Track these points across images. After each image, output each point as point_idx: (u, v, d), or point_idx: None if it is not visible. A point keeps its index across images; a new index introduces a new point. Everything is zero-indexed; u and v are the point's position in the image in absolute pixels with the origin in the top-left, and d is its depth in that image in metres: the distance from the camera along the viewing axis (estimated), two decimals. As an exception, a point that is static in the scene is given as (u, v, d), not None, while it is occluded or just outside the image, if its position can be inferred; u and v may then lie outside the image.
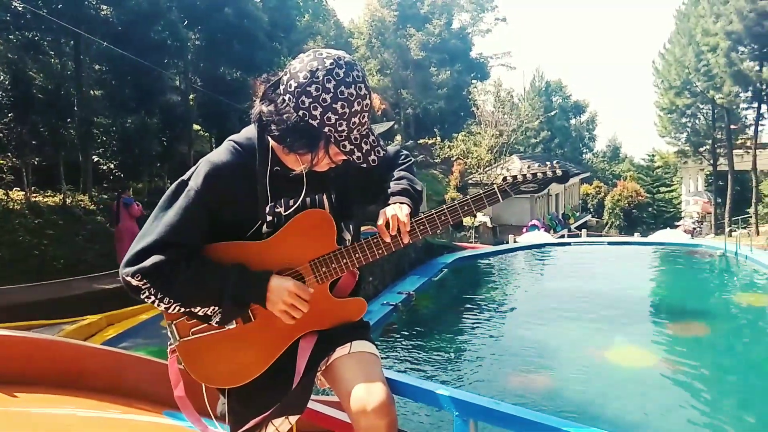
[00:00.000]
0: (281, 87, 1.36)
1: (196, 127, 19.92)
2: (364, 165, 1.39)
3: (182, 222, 1.39)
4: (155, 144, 15.60)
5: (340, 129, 1.34)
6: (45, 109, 13.00)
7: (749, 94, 23.87)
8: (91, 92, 15.97)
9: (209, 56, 18.16)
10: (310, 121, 1.32)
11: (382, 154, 1.41)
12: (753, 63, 22.70)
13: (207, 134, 20.91)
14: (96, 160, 15.78)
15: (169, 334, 1.53)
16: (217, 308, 1.44)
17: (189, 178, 1.44)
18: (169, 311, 1.43)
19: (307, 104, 1.31)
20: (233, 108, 16.90)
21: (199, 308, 1.44)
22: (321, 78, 1.31)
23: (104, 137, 15.47)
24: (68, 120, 14.36)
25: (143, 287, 1.38)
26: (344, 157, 1.40)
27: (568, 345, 6.69)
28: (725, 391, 5.64)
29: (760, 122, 24.76)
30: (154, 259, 1.36)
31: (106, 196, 15.47)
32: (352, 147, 1.37)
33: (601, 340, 6.79)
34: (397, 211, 1.51)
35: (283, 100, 1.34)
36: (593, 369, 6.02)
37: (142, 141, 14.90)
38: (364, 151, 1.38)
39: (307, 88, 1.31)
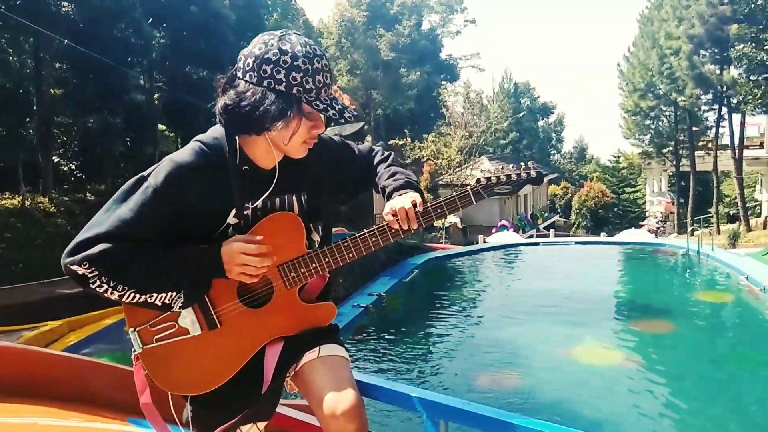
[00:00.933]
0: (238, 73, 1.34)
1: (161, 127, 19.61)
2: (342, 121, 1.37)
3: (135, 218, 1.33)
4: (118, 144, 15.31)
5: (308, 87, 1.33)
6: (3, 108, 12.62)
7: (710, 96, 24.57)
8: (52, 91, 15.58)
9: (175, 55, 17.88)
10: (276, 87, 1.31)
11: (354, 116, 1.40)
12: (714, 66, 23.35)
13: (173, 135, 20.59)
14: (56, 160, 15.40)
15: (132, 341, 1.48)
16: (175, 294, 1.38)
17: (149, 175, 1.38)
18: (124, 300, 1.36)
19: (269, 71, 1.30)
20: (200, 108, 16.68)
21: (156, 295, 1.37)
22: (275, 44, 1.32)
23: (65, 137, 15.14)
24: (27, 119, 13.99)
25: (91, 275, 1.31)
26: (320, 130, 1.39)
27: (537, 344, 6.78)
28: (689, 386, 5.79)
29: (720, 124, 25.51)
30: (102, 246, 1.31)
31: (66, 198, 15.08)
32: (325, 105, 1.35)
33: (569, 339, 6.89)
34: (412, 201, 1.47)
35: (244, 81, 1.33)
36: (562, 367, 6.11)
37: (105, 141, 14.62)
38: (337, 109, 1.36)
39: (265, 56, 1.31)
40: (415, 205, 1.45)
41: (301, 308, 1.52)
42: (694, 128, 26.95)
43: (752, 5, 17.92)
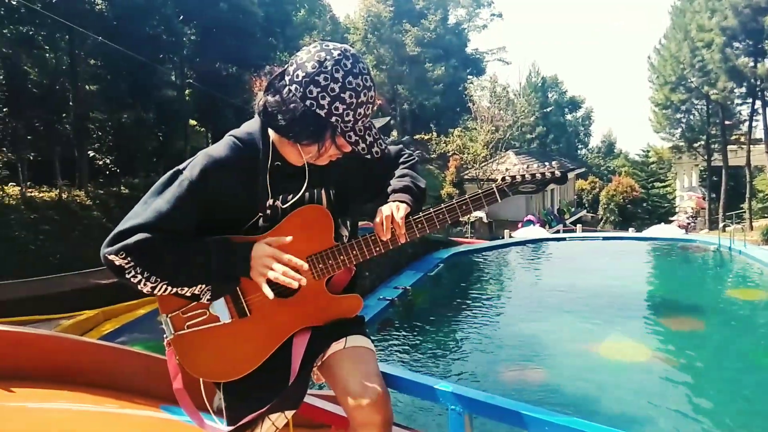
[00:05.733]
0: (287, 78, 1.35)
1: (192, 122, 19.88)
2: (368, 156, 1.39)
3: (171, 210, 1.37)
4: (151, 139, 15.59)
5: (346, 119, 1.34)
6: (40, 104, 12.97)
7: (743, 89, 23.93)
8: (86, 87, 15.92)
9: (204, 51, 18.10)
10: (317, 110, 1.32)
11: (384, 147, 1.42)
12: (747, 59, 22.72)
13: (203, 129, 20.86)
14: (92, 155, 15.75)
15: (164, 326, 1.52)
16: (204, 286, 1.41)
17: (185, 168, 1.43)
18: (156, 292, 1.40)
19: (315, 94, 1.31)
20: (228, 103, 16.88)
21: (186, 288, 1.41)
22: (329, 68, 1.31)
23: (99, 132, 15.46)
24: (63, 115, 14.33)
25: (127, 266, 1.34)
26: (346, 150, 1.40)
27: (563, 339, 6.72)
28: (718, 384, 5.69)
29: (754, 118, 24.83)
30: (139, 236, 1.33)
31: (101, 191, 15.42)
32: (357, 138, 1.38)
33: (596, 335, 6.82)
34: (393, 210, 1.51)
35: (290, 90, 1.34)
36: (587, 363, 6.05)
37: (138, 136, 14.88)
38: (368, 142, 1.39)
39: (316, 78, 1.31)
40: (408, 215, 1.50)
41: (328, 299, 1.56)
42: (726, 122, 26.27)
43: (790, -5, 17.38)
